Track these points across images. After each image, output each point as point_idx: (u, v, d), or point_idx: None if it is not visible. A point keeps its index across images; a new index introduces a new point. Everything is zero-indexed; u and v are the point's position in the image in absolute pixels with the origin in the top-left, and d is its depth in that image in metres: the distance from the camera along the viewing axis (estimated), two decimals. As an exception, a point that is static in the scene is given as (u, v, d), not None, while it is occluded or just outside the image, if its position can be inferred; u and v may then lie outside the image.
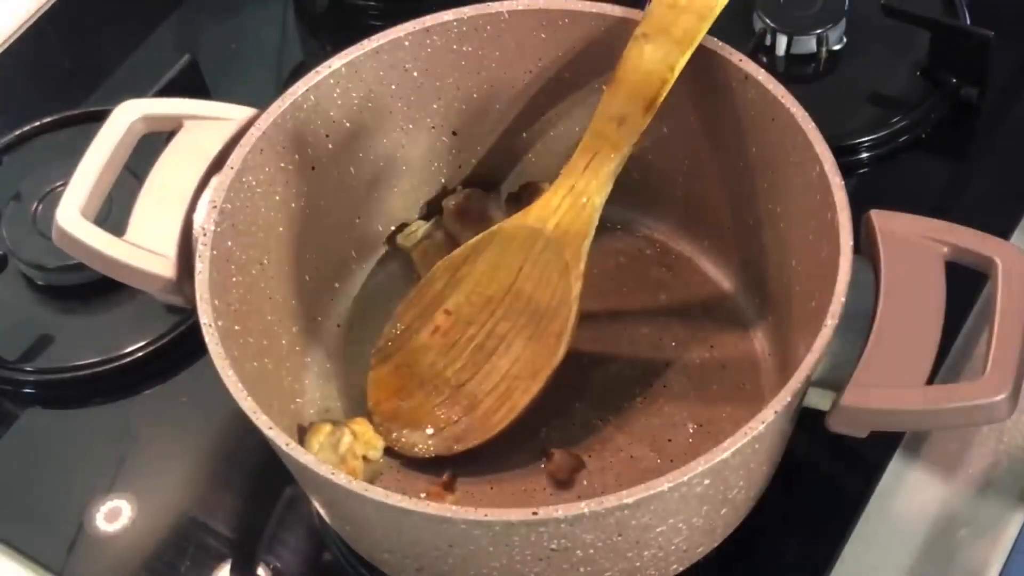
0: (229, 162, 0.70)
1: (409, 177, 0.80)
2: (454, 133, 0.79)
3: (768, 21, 0.90)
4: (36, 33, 1.01)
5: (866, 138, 0.87)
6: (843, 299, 0.62)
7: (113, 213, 0.75)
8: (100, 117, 0.73)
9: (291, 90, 0.72)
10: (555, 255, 0.72)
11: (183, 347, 0.83)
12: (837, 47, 0.91)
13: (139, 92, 0.79)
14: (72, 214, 0.70)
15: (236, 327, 0.68)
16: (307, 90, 0.72)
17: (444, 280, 0.75)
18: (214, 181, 0.70)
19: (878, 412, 0.62)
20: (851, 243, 0.63)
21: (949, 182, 0.87)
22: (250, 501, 0.77)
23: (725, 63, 0.71)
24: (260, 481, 0.78)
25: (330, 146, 0.75)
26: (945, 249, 0.65)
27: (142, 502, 0.77)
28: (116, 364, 0.82)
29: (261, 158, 0.71)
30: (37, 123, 0.93)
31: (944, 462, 0.75)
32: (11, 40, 1.00)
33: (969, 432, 0.76)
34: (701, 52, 0.70)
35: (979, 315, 0.78)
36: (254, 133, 0.71)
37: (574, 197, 0.72)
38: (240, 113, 0.73)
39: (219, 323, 0.65)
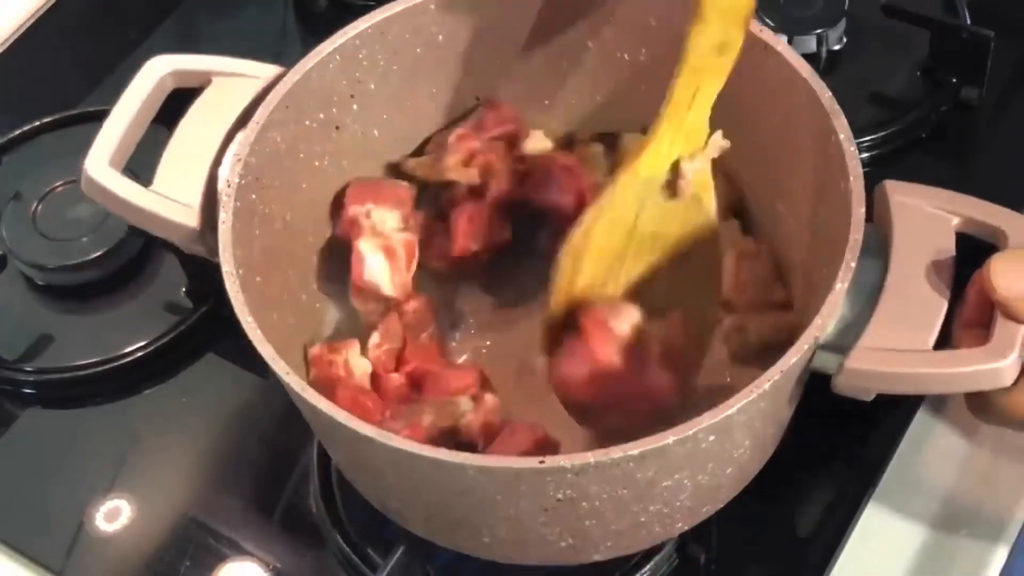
0: (255, 117, 0.70)
1: (432, 141, 0.80)
2: (477, 99, 0.79)
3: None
4: (36, 33, 1.01)
5: (866, 138, 0.87)
6: (853, 264, 0.62)
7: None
8: (100, 117, 0.73)
9: (317, 49, 0.72)
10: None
11: (183, 347, 0.83)
12: (837, 47, 0.92)
13: (139, 92, 0.79)
14: (100, 163, 0.71)
15: (257, 278, 0.68)
16: (333, 50, 0.73)
17: (570, 270, 0.71)
18: (240, 136, 0.70)
19: (883, 375, 0.63)
20: (863, 210, 0.64)
21: (949, 182, 0.86)
22: (250, 501, 0.77)
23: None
24: (260, 481, 0.78)
25: (355, 107, 0.75)
26: (956, 220, 0.66)
27: (142, 502, 0.77)
28: (116, 364, 0.82)
29: (286, 115, 0.71)
30: (37, 123, 0.93)
31: (944, 462, 0.76)
32: (11, 40, 1.01)
33: (970, 432, 0.76)
34: None
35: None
36: (280, 90, 0.71)
37: (685, 137, 0.69)
38: (267, 71, 0.74)
39: (240, 272, 0.65)
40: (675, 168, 0.69)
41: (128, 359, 0.82)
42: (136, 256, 0.86)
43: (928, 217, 0.66)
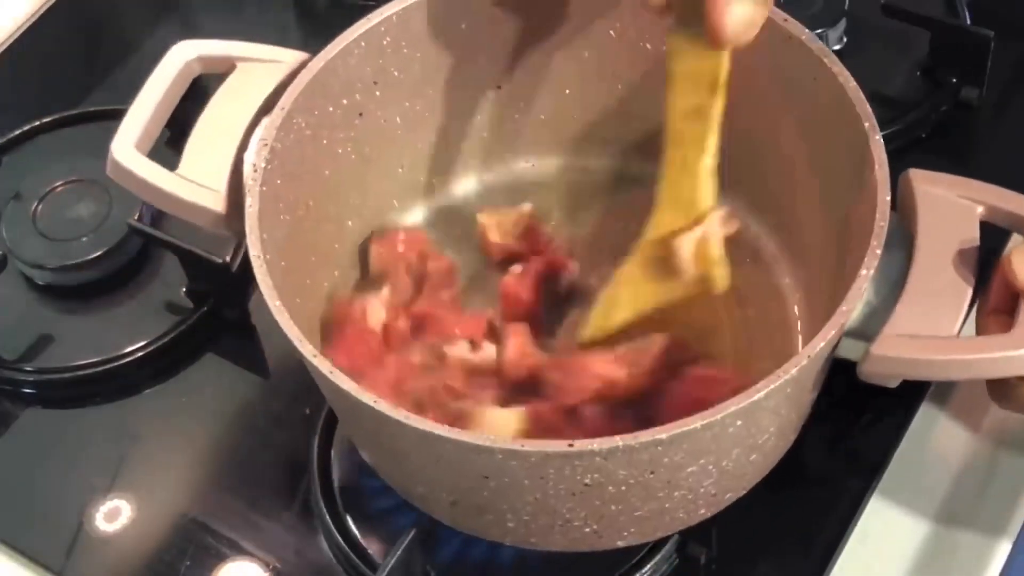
0: (280, 103, 0.71)
1: (454, 129, 0.80)
2: (499, 87, 0.80)
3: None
4: (36, 33, 1.01)
5: (866, 138, 0.87)
6: (879, 251, 0.62)
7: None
8: (100, 117, 0.73)
9: (343, 35, 0.73)
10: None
11: (183, 347, 0.83)
12: (837, 47, 0.91)
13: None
14: (127, 147, 0.71)
15: (282, 263, 0.69)
16: (358, 36, 0.73)
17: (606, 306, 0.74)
18: (265, 121, 0.71)
19: (908, 362, 0.63)
20: (887, 198, 0.64)
21: (949, 182, 0.87)
22: (250, 501, 0.77)
23: (769, 23, 0.70)
24: (260, 481, 0.78)
25: (378, 94, 0.76)
26: (981, 208, 0.67)
27: (142, 502, 0.77)
28: (116, 364, 0.82)
29: (311, 101, 0.72)
30: (37, 123, 0.93)
31: (944, 461, 0.76)
32: (11, 40, 1.01)
33: (970, 431, 0.76)
34: None
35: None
36: (305, 76, 0.71)
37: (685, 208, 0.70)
38: (292, 56, 0.74)
39: (267, 256, 0.66)
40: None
41: (128, 359, 0.82)
42: (136, 256, 0.86)
43: (953, 206, 0.67)
